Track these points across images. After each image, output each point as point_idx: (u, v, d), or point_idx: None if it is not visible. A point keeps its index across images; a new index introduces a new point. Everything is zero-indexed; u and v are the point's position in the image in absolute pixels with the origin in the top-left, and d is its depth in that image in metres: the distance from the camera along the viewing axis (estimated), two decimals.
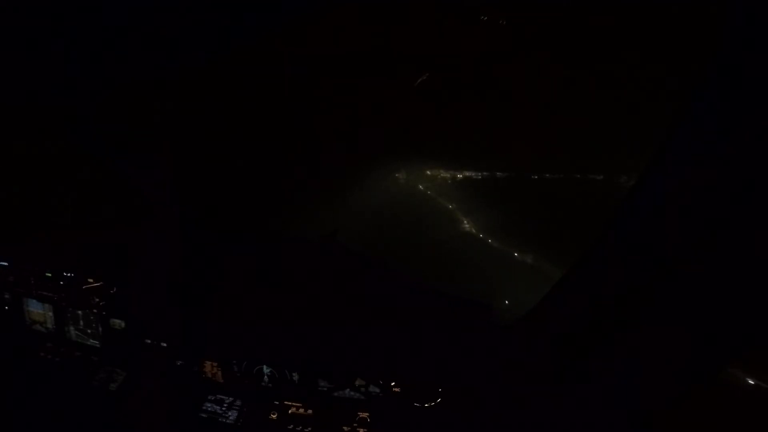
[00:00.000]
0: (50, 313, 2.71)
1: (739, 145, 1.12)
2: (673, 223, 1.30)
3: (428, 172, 19.07)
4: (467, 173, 18.79)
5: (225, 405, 2.38)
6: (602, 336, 1.60)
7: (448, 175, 18.91)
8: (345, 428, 2.23)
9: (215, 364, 2.41)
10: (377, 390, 2.24)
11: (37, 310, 2.74)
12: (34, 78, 2.18)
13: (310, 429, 2.24)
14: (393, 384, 2.21)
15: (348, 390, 2.28)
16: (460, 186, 18.73)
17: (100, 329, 2.61)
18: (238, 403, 2.38)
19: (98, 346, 2.66)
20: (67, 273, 2.59)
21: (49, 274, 2.62)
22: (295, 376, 2.31)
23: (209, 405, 2.38)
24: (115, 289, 2.54)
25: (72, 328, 2.70)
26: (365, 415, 2.26)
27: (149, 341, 2.47)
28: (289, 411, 2.32)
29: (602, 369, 1.67)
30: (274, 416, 2.30)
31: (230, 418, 2.32)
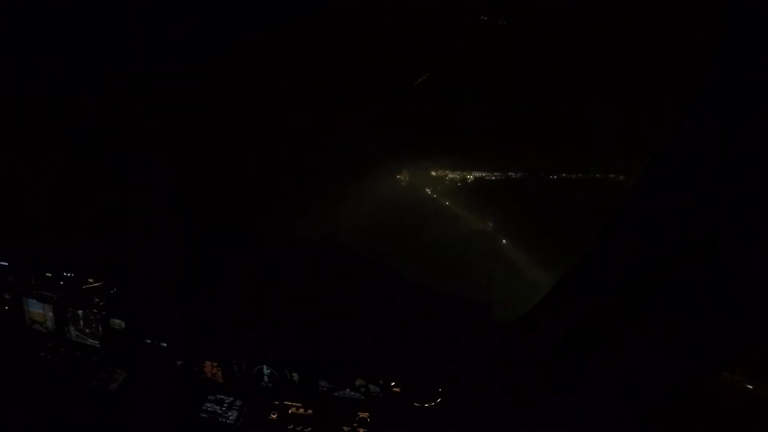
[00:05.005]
0: (50, 313, 2.71)
1: (739, 146, 1.12)
2: (673, 223, 1.30)
3: (433, 173, 18.76)
4: (476, 174, 18.24)
5: (225, 405, 2.38)
6: (602, 336, 1.60)
7: (456, 176, 18.47)
8: (345, 428, 2.23)
9: (215, 364, 2.41)
10: (377, 390, 2.24)
11: (37, 310, 2.74)
12: (34, 76, 2.18)
13: (310, 429, 2.24)
14: (393, 384, 2.21)
15: (348, 390, 2.28)
16: (466, 188, 18.35)
17: (100, 329, 2.62)
18: (238, 403, 2.38)
19: (98, 346, 2.66)
20: (67, 273, 2.59)
21: (49, 274, 2.62)
22: (295, 376, 2.31)
23: (209, 405, 2.38)
24: (115, 289, 2.54)
25: (72, 328, 2.70)
26: (365, 415, 2.26)
27: (149, 341, 2.47)
28: (289, 411, 2.32)
29: (602, 369, 1.67)
30: (274, 416, 2.30)
31: (230, 418, 2.32)
